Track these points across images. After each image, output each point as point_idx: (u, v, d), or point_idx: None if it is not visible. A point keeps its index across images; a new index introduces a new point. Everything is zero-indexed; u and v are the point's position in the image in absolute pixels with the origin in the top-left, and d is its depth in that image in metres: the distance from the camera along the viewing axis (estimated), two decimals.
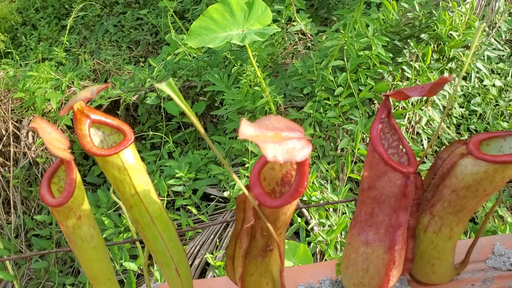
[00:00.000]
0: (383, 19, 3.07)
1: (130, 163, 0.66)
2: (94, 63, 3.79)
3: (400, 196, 0.69)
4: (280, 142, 0.56)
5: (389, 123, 0.72)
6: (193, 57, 3.41)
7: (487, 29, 3.19)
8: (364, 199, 0.72)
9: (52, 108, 3.28)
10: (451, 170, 0.69)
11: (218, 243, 2.88)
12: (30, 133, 3.35)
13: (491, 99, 3.53)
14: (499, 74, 3.59)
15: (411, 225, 0.72)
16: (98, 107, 3.54)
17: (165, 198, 3.00)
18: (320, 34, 3.57)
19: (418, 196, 0.70)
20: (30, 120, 3.35)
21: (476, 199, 0.69)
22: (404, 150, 0.73)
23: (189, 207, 2.89)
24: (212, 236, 2.90)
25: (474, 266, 0.85)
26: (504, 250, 0.87)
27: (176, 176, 2.91)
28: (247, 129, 0.57)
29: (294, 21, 3.36)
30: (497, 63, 3.61)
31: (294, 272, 0.92)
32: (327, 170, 2.89)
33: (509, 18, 3.14)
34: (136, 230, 0.76)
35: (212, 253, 2.80)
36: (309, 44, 3.42)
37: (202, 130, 0.60)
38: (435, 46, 2.93)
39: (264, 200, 0.66)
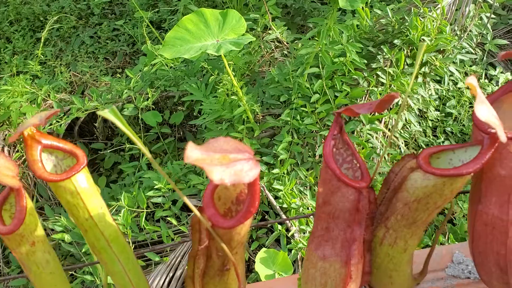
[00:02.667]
0: (357, 26, 3.11)
1: (83, 187, 0.66)
2: (70, 75, 3.75)
3: (353, 211, 0.70)
4: (228, 164, 0.56)
5: (342, 138, 0.74)
6: (170, 67, 3.40)
7: (458, 32, 3.26)
8: (320, 214, 0.73)
9: None
10: (402, 184, 0.70)
11: None
12: (6, 148, 3.30)
13: (466, 101, 3.59)
14: None
15: (367, 238, 0.73)
16: (75, 120, 3.51)
17: (145, 210, 2.98)
18: (296, 41, 3.60)
19: (372, 210, 0.72)
20: (6, 135, 3.30)
21: (428, 212, 0.70)
22: (358, 164, 0.75)
23: (169, 218, 2.87)
24: None
25: (434, 275, 0.86)
26: (462, 258, 0.89)
27: (155, 187, 2.90)
28: (193, 153, 0.57)
29: (270, 29, 3.38)
30: (470, 66, 3.68)
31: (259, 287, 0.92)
32: (306, 177, 2.91)
33: (479, 22, 3.22)
34: (93, 253, 0.75)
35: None
36: (285, 52, 3.44)
37: (148, 155, 0.60)
38: (408, 51, 2.98)
39: (217, 221, 0.66)
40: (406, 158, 0.72)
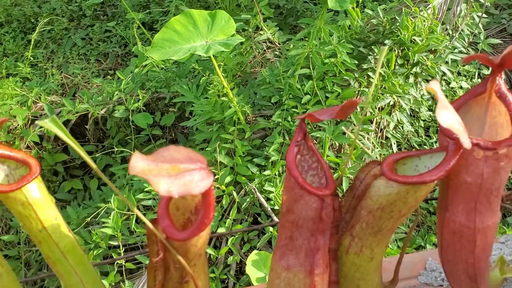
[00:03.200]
0: (348, 26, 3.09)
1: (35, 198, 0.64)
2: (62, 77, 3.74)
3: (317, 219, 0.68)
4: (177, 175, 0.55)
5: (307, 145, 0.72)
6: (162, 68, 3.38)
7: (450, 32, 3.24)
8: (284, 223, 0.71)
9: (18, 125, 3.22)
10: (366, 191, 0.68)
11: None
12: None
13: None
14: (465, 76, 3.64)
15: (332, 247, 0.72)
16: (66, 123, 3.49)
17: (135, 213, 2.96)
18: (288, 42, 3.58)
19: (337, 218, 0.70)
20: None
21: (392, 220, 0.69)
22: (323, 171, 0.73)
23: None
24: None
25: (406, 283, 0.85)
26: (436, 265, 0.87)
27: (145, 189, 2.88)
28: (138, 164, 0.56)
29: (261, 30, 3.36)
30: (463, 65, 3.66)
31: None
32: None
33: (471, 21, 3.20)
34: (49, 265, 0.73)
35: None
36: (277, 52, 3.43)
37: (93, 165, 0.58)
38: (399, 51, 2.96)
39: (171, 233, 0.65)
40: (371, 165, 0.71)
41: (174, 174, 0.55)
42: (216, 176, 2.78)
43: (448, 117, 0.57)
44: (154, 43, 2.61)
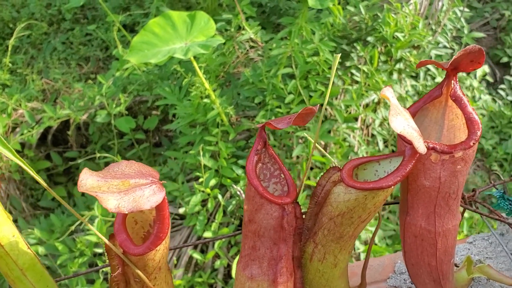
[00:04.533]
0: (331, 24, 3.07)
1: None
2: (42, 82, 3.67)
3: (278, 228, 0.66)
4: (127, 191, 0.52)
5: (268, 153, 0.69)
6: (143, 71, 3.33)
7: (434, 27, 3.23)
8: (246, 233, 0.68)
9: None
10: (327, 198, 0.67)
11: (176, 262, 2.81)
12: None
13: None
14: None
15: (296, 255, 0.69)
16: (48, 129, 3.43)
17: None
18: (271, 41, 3.54)
19: (299, 225, 0.68)
20: None
21: (353, 226, 0.67)
22: (285, 179, 0.70)
23: None
24: (170, 255, 2.83)
25: (375, 287, 0.83)
26: (405, 268, 0.85)
27: None
28: (87, 181, 0.53)
29: (243, 29, 3.33)
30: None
31: None
32: None
33: (454, 16, 3.19)
34: (9, 283, 0.70)
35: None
36: (259, 52, 3.39)
37: (44, 184, 0.54)
38: (382, 48, 2.94)
39: (128, 248, 0.62)
40: (331, 171, 0.69)
41: (124, 190, 0.53)
42: (201, 180, 2.74)
43: (401, 123, 0.55)
44: (132, 46, 2.57)
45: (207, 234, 2.63)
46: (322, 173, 0.70)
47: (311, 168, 2.95)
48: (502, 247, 0.96)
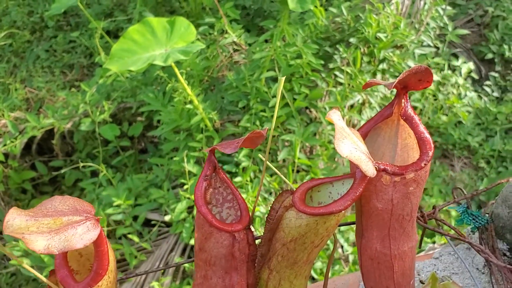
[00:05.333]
0: (313, 25, 3.05)
1: None
2: (26, 91, 3.63)
3: (229, 256, 0.64)
4: (58, 230, 0.50)
5: (219, 177, 0.67)
6: (127, 77, 3.30)
7: (417, 26, 3.22)
8: (198, 261, 0.67)
9: None
10: (279, 223, 0.65)
11: (163, 270, 2.79)
12: None
13: (430, 93, 3.57)
14: (435, 68, 3.63)
15: (250, 282, 0.68)
16: (32, 139, 3.39)
17: (106, 228, 2.89)
18: (254, 44, 3.52)
19: (252, 251, 0.66)
20: None
21: (307, 251, 0.65)
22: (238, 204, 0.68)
23: (130, 235, 2.79)
24: (157, 263, 2.81)
25: None
26: None
27: (114, 204, 2.81)
28: (14, 221, 0.51)
29: (226, 33, 3.30)
30: (433, 58, 3.65)
31: None
32: (269, 183, 2.85)
33: (437, 14, 3.18)
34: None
35: (158, 280, 2.70)
36: (243, 55, 3.37)
37: None
38: (365, 49, 2.93)
39: (68, 285, 0.60)
40: (284, 194, 0.67)
41: (55, 229, 0.50)
42: (186, 186, 2.72)
43: (347, 147, 0.53)
44: (112, 54, 2.54)
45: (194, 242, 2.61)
46: (275, 197, 0.68)
47: (297, 171, 2.94)
48: (467, 262, 0.95)
